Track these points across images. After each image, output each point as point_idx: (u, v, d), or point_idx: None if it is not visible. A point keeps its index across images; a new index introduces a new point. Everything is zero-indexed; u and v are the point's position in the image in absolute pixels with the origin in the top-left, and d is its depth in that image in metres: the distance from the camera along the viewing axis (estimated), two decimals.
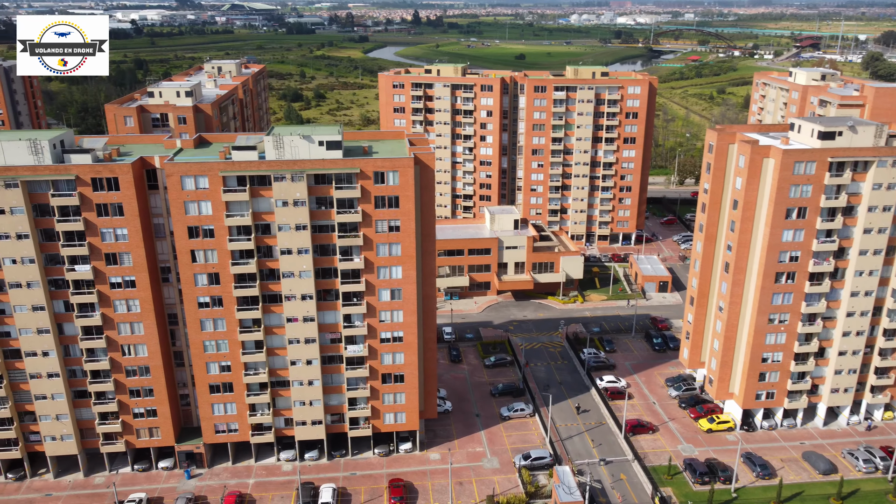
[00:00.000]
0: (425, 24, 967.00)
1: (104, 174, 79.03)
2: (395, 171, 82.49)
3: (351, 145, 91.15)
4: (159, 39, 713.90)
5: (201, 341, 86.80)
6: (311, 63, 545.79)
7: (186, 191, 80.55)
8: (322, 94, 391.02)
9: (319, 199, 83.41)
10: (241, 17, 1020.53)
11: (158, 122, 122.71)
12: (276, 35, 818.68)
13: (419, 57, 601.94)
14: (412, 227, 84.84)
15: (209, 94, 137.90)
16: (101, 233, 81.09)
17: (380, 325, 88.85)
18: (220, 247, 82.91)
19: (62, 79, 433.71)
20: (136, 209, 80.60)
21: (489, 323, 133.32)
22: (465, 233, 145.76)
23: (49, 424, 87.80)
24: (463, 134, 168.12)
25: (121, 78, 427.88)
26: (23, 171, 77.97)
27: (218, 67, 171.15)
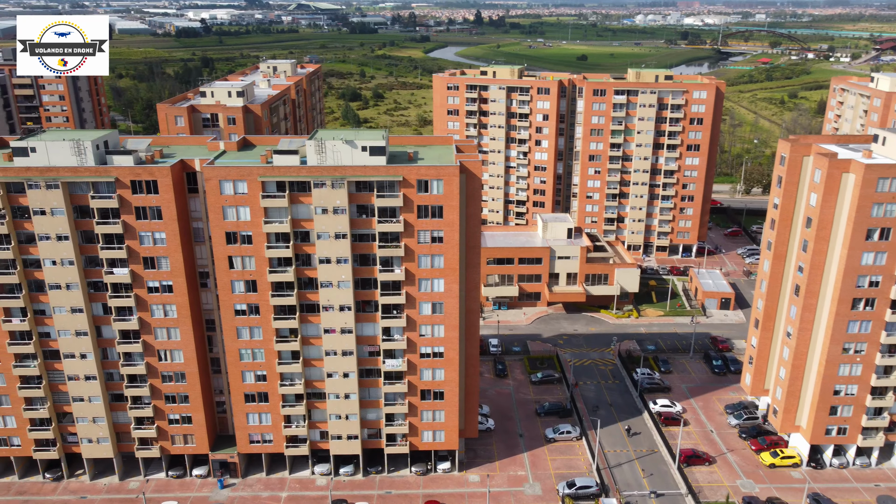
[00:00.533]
0: (487, 24, 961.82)
1: (143, 177, 77.52)
2: (439, 179, 78.45)
3: (396, 151, 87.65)
4: (227, 38, 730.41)
5: (237, 349, 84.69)
6: (372, 62, 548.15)
7: (225, 195, 78.39)
8: (380, 94, 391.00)
9: (360, 207, 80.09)
10: (307, 17, 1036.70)
11: (209, 122, 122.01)
12: (339, 34, 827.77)
13: (479, 57, 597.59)
14: (456, 239, 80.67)
15: (261, 95, 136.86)
16: (139, 236, 79.72)
17: (420, 340, 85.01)
18: (258, 254, 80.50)
19: (132, 76, 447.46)
20: (175, 213, 78.86)
21: (538, 336, 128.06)
22: (517, 241, 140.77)
23: (86, 426, 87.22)
24: (518, 138, 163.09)
25: (187, 75, 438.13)
26: (64, 171, 77.11)
27: (273, 67, 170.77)
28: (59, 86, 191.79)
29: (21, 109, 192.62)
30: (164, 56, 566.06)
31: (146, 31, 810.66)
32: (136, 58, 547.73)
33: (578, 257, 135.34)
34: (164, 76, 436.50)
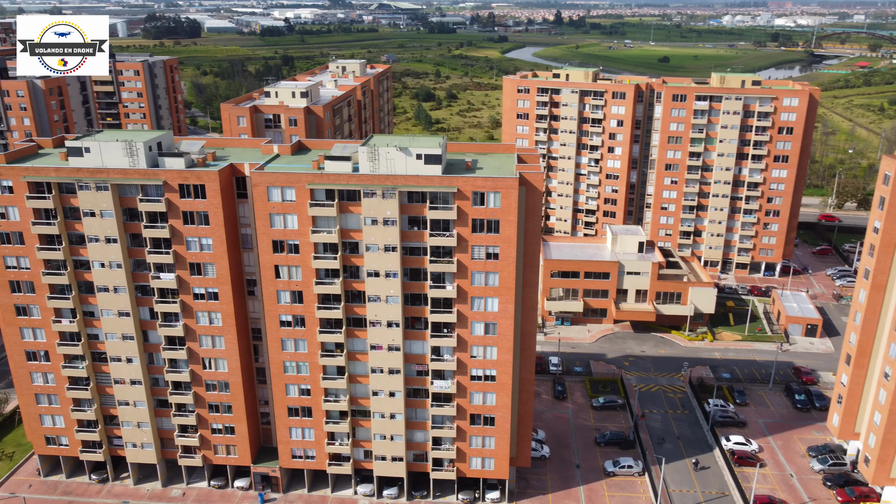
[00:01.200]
0: (567, 24, 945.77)
1: (191, 181, 75.31)
2: (496, 192, 72.97)
3: (454, 159, 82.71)
4: (309, 37, 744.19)
5: (281, 361, 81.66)
6: (448, 62, 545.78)
7: (272, 202, 75.29)
8: (454, 95, 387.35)
9: (412, 218, 75.51)
10: (387, 16, 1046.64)
11: (271, 123, 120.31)
12: (417, 34, 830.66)
13: (557, 58, 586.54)
14: (513, 256, 74.99)
15: (326, 95, 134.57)
16: (186, 241, 77.62)
17: (471, 361, 79.77)
18: (305, 264, 77.10)
19: (215, 73, 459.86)
20: (222, 218, 76.34)
21: (601, 356, 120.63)
22: (584, 253, 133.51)
23: (131, 431, 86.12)
24: (589, 144, 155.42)
25: (267, 73, 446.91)
26: (114, 173, 75.73)
27: (342, 67, 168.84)
28: (138, 83, 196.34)
29: (101, 106, 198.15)
30: (248, 54, 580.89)
31: (233, 30, 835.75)
32: (221, 55, 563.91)
33: (649, 273, 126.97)
34: (245, 74, 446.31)
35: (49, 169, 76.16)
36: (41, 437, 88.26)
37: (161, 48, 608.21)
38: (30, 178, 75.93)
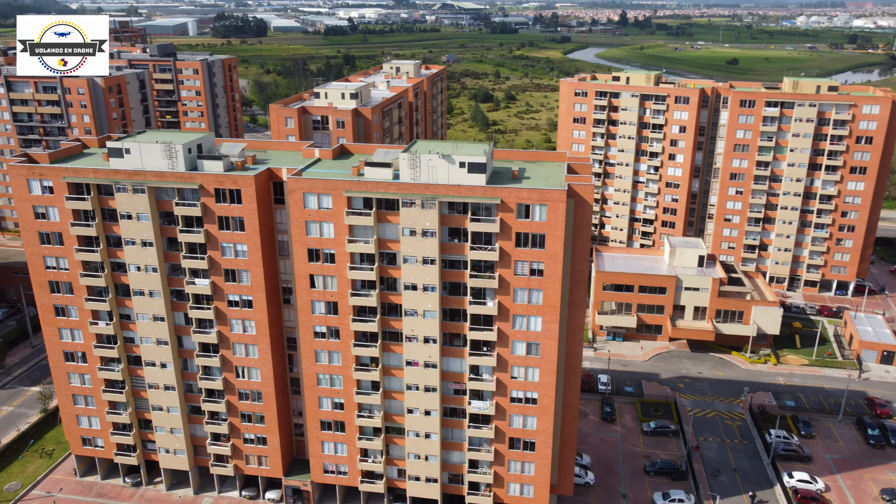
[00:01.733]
0: (632, 24, 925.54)
1: (227, 185, 73.21)
2: (542, 204, 68.30)
3: (500, 167, 78.37)
4: (371, 36, 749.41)
5: (315, 374, 78.91)
6: (508, 63, 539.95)
7: (308, 209, 72.51)
8: (513, 96, 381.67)
9: (452, 230, 71.54)
10: (450, 16, 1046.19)
11: (319, 124, 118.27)
12: (479, 34, 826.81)
13: (620, 59, 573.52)
14: (558, 273, 70.18)
15: (376, 97, 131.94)
16: (221, 247, 75.66)
17: (511, 383, 75.30)
18: (341, 274, 74.06)
19: (278, 71, 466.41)
20: (257, 225, 74.00)
21: (655, 376, 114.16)
22: (639, 265, 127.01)
23: (164, 436, 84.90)
24: (649, 151, 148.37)
25: (328, 72, 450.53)
26: (150, 176, 74.31)
27: (396, 68, 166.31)
28: (196, 81, 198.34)
29: (161, 104, 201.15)
30: (311, 53, 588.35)
31: (298, 29, 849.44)
32: (285, 54, 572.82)
33: (709, 289, 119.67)
34: (306, 73, 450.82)
35: (88, 170, 75.31)
36: (78, 438, 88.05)
37: (228, 47, 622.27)
38: (69, 178, 75.23)
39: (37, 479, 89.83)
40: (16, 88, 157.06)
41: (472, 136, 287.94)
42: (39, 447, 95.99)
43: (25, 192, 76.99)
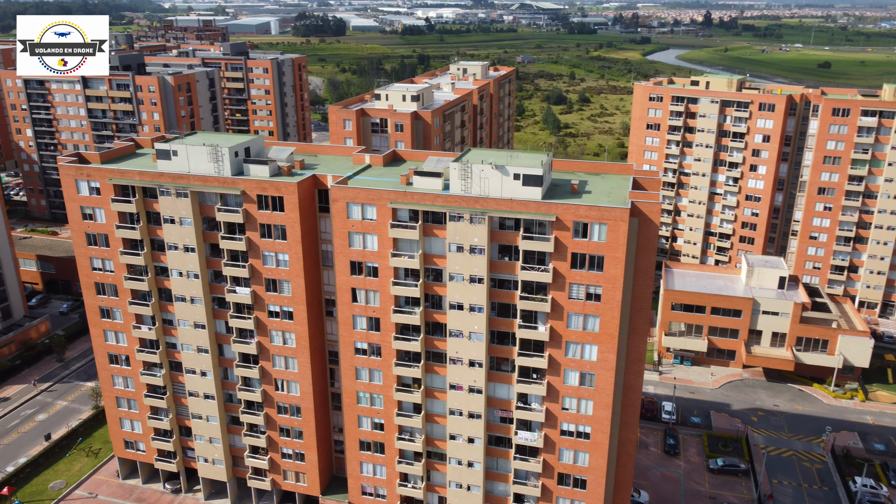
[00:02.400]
0: (717, 25, 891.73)
1: (269, 192, 70.20)
2: (602, 223, 62.22)
3: (559, 179, 72.55)
4: (447, 36, 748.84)
5: (355, 391, 75.12)
6: (584, 64, 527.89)
7: (352, 220, 68.66)
8: (587, 98, 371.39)
9: (503, 247, 66.27)
10: (527, 16, 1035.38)
11: (377, 127, 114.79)
12: (556, 34, 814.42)
13: (703, 61, 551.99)
14: (618, 298, 63.90)
15: (439, 99, 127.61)
16: (262, 255, 72.79)
17: (562, 414, 69.41)
18: (384, 289, 69.90)
19: (353, 70, 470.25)
20: (299, 234, 70.71)
21: (725, 406, 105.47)
22: (712, 284, 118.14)
23: (203, 445, 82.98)
24: (728, 161, 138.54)
25: (401, 72, 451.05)
26: (194, 180, 72.11)
27: (463, 69, 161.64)
28: (266, 80, 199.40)
29: (231, 102, 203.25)
30: (387, 52, 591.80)
31: (376, 29, 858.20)
32: (362, 53, 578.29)
33: (790, 314, 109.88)
34: (380, 72, 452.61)
35: (133, 172, 73.78)
36: (121, 441, 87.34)
37: (306, 45, 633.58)
38: (115, 180, 73.92)
39: (81, 478, 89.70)
40: (91, 85, 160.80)
41: (541, 140, 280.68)
42: (87, 445, 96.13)
43: (74, 193, 76.26)
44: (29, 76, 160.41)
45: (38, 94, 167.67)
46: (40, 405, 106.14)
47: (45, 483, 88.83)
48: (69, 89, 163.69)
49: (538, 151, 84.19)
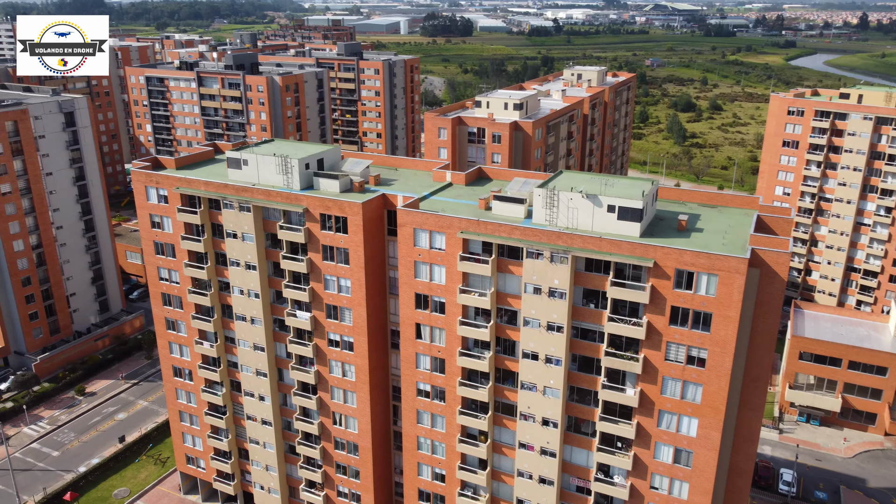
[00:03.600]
0: (874, 28, 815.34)
1: (333, 211, 63.72)
2: (712, 273, 50.86)
3: (665, 213, 61.41)
4: (575, 38, 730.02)
5: (416, 436, 67.45)
6: (719, 69, 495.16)
7: (419, 248, 60.92)
8: (719, 106, 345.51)
9: (588, 292, 56.24)
10: (661, 18, 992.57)
11: (474, 137, 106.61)
12: (691, 37, 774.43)
13: (855, 68, 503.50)
14: (727, 365, 52.28)
15: (545, 108, 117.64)
16: (324, 279, 66.57)
17: (650, 494, 58.38)
18: (450, 328, 61.67)
19: (475, 71, 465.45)
20: (363, 259, 63.81)
21: (860, 482, 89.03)
22: (852, 333, 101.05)
23: (260, 472, 78.31)
24: (881, 187, 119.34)
25: (524, 73, 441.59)
26: (257, 194, 66.95)
27: (577, 74, 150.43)
28: (377, 81, 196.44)
29: (342, 102, 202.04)
30: (511, 53, 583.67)
31: (503, 29, 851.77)
32: (487, 54, 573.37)
33: None
34: (501, 73, 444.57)
35: (199, 182, 69.68)
36: (183, 455, 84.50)
37: (432, 45, 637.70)
38: (182, 189, 70.16)
39: (144, 488, 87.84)
40: (205, 83, 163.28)
41: (663, 150, 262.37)
42: (157, 452, 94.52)
43: (144, 199, 73.43)
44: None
45: (158, 91, 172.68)
46: (122, 403, 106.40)
47: (109, 489, 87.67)
48: (185, 87, 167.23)
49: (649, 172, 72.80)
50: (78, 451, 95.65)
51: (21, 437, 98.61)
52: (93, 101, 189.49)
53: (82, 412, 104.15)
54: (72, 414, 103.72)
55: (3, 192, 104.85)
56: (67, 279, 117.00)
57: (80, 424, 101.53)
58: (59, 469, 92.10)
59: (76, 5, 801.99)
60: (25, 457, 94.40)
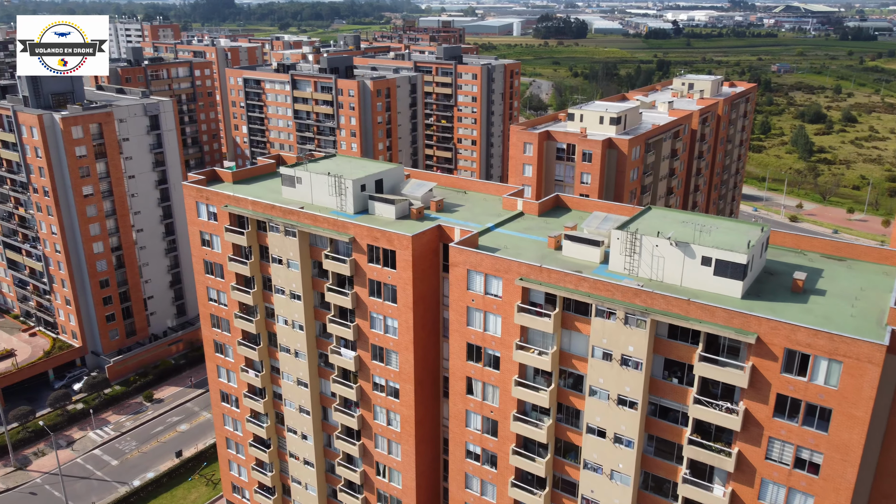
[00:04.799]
0: None
1: (380, 242, 56.40)
2: (834, 360, 39.42)
3: (777, 264, 50.03)
4: (695, 41, 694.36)
5: (463, 501, 59.03)
6: (856, 76, 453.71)
7: (472, 292, 52.53)
8: (852, 117, 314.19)
9: (671, 363, 45.88)
10: (792, 20, 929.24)
11: (563, 154, 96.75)
12: (825, 41, 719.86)
13: None
14: (849, 477, 40.61)
15: (647, 122, 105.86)
16: (370, 317, 59.39)
17: None
18: (504, 386, 52.90)
19: (585, 75, 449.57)
20: (411, 299, 56.12)
21: None
22: None
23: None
24: None
25: (636, 78, 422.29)
26: (304, 218, 60.66)
27: (688, 84, 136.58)
28: (474, 87, 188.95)
29: (438, 107, 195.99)
30: (626, 56, 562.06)
31: (619, 31, 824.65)
32: (599, 57, 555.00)
33: None
34: (612, 77, 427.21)
35: (246, 201, 64.26)
36: (229, 483, 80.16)
37: (543, 47, 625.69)
38: (230, 207, 65.05)
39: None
40: (299, 87, 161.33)
41: (786, 164, 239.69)
42: (210, 472, 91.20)
43: (195, 215, 69.02)
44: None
45: (255, 93, 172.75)
46: (186, 414, 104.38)
47: None
48: (280, 89, 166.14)
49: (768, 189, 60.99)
50: (136, 462, 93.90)
51: (86, 441, 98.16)
52: (196, 101, 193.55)
53: (147, 419, 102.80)
54: (137, 421, 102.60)
55: (85, 194, 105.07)
56: (146, 282, 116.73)
57: (143, 433, 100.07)
58: (115, 480, 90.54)
59: (208, 6, 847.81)
60: (86, 463, 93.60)
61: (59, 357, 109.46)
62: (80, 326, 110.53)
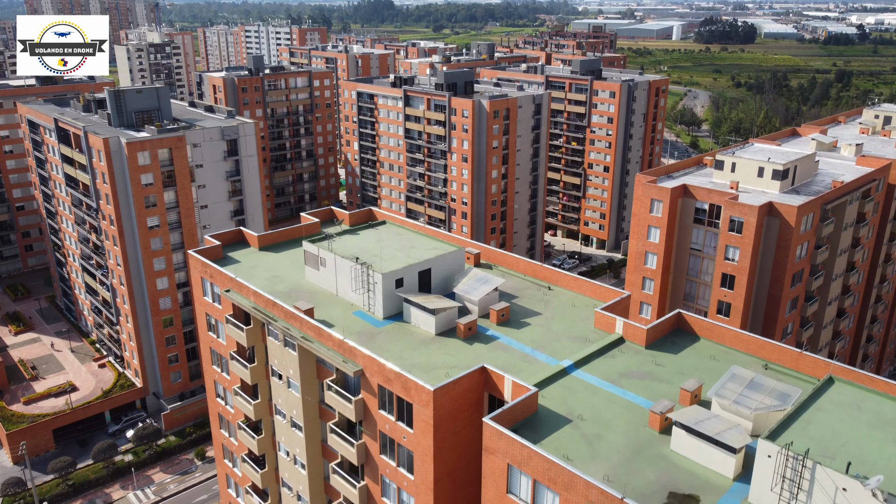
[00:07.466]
0: None
1: (394, 388, 37.91)
2: None
3: None
4: (884, 48, 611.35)
5: None
6: None
7: (513, 500, 32.91)
8: None
9: None
10: None
11: (704, 217, 73.43)
12: None
13: None
14: None
15: (825, 175, 79.61)
16: (381, 481, 41.20)
17: None
18: None
19: (748, 85, 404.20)
20: (432, 475, 37.40)
21: None
22: None
23: None
24: None
25: (809, 91, 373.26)
26: (307, 329, 43.60)
27: (884, 118, 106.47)
28: (611, 106, 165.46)
29: (570, 128, 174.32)
30: (798, 64, 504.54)
31: (793, 36, 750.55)
32: (768, 64, 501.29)
33: None
34: (781, 89, 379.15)
35: (248, 289, 48.36)
36: None
37: (703, 53, 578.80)
38: (232, 295, 49.58)
39: None
40: (412, 103, 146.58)
41: None
42: None
43: (200, 293, 54.39)
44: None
45: (368, 108, 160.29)
46: None
47: None
48: (392, 105, 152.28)
49: None
50: None
51: (124, 503, 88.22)
52: (313, 112, 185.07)
53: (191, 485, 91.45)
54: (182, 484, 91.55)
55: (150, 225, 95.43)
56: None
57: (184, 501, 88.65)
58: None
59: (369, 8, 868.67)
60: None
61: (116, 398, 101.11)
62: (141, 366, 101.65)
